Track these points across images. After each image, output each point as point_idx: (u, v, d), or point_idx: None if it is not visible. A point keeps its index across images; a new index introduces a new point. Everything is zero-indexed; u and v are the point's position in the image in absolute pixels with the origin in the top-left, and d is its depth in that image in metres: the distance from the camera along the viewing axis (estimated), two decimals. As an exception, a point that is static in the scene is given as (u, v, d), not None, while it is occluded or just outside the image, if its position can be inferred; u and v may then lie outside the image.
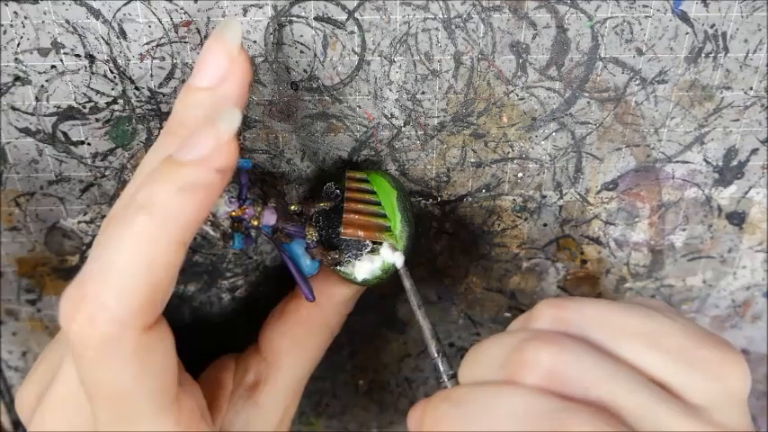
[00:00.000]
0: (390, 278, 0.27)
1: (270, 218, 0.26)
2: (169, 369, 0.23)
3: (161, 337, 0.22)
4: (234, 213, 0.25)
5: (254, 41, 0.26)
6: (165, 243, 0.20)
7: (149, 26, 0.26)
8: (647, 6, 0.26)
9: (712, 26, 0.26)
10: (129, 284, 0.20)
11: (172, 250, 0.21)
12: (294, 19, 0.26)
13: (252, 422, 0.28)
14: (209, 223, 0.24)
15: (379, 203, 0.27)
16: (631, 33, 0.27)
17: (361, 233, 0.26)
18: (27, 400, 0.25)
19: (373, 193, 0.28)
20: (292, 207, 0.27)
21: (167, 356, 0.22)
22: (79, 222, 0.31)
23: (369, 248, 0.27)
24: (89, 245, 0.31)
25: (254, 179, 0.29)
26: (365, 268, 0.27)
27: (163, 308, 0.22)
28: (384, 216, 0.27)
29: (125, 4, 0.25)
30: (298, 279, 0.27)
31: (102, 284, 0.20)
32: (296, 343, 0.29)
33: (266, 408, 0.29)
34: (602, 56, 0.27)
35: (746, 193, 0.31)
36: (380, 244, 0.27)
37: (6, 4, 0.25)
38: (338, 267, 0.27)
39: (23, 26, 0.26)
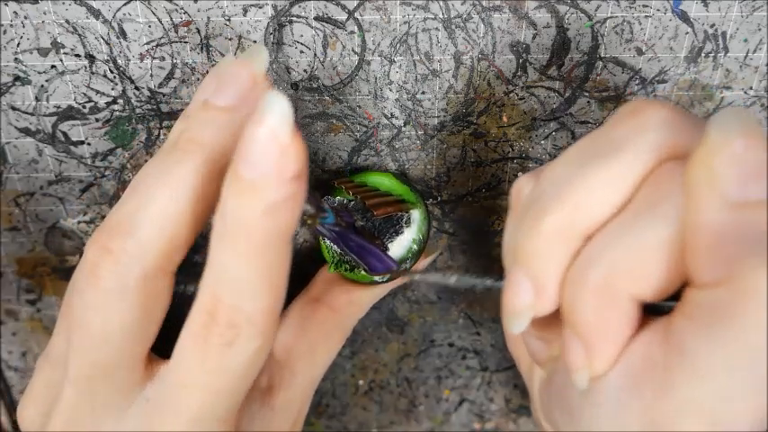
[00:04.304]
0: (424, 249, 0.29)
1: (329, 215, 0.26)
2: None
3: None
4: None
5: (254, 41, 0.26)
6: (283, 253, 0.20)
7: (149, 26, 0.26)
8: (646, 6, 0.26)
9: (712, 26, 0.26)
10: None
11: (285, 253, 0.21)
12: (294, 19, 0.26)
13: (268, 425, 0.28)
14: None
15: (377, 189, 0.28)
16: (631, 33, 0.27)
17: (390, 209, 0.27)
18: (30, 420, 0.25)
19: (366, 185, 0.29)
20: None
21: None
22: (79, 222, 0.31)
23: (404, 219, 0.28)
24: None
25: None
26: (404, 243, 0.28)
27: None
28: (392, 195, 0.28)
29: (125, 4, 0.25)
30: (377, 252, 0.27)
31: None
32: (311, 347, 0.29)
33: (282, 411, 0.29)
34: (603, 55, 0.27)
35: (746, 192, 0.31)
36: (409, 213, 0.28)
37: (6, 4, 0.25)
38: (354, 272, 0.28)
39: (23, 26, 0.26)
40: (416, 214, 0.28)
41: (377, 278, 0.28)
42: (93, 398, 0.23)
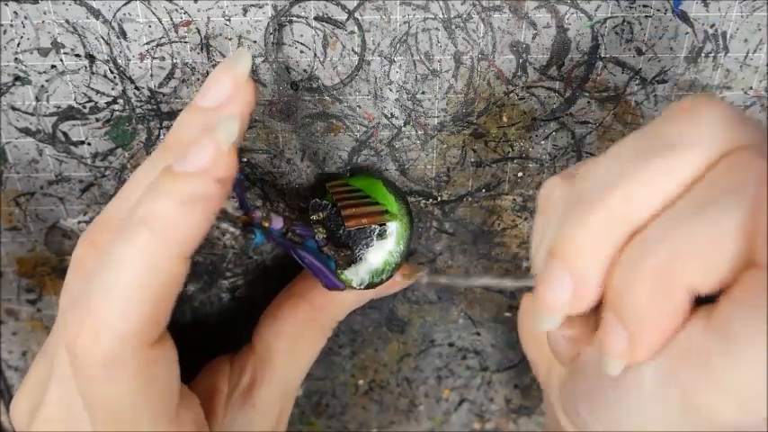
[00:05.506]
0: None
1: (277, 221, 0.26)
2: (172, 385, 0.23)
3: (165, 354, 0.22)
4: (243, 218, 0.25)
5: (254, 41, 0.26)
6: (168, 258, 0.20)
7: (149, 26, 0.26)
8: (647, 6, 0.26)
9: (712, 26, 0.26)
10: (133, 301, 0.20)
11: (174, 264, 0.20)
12: (294, 19, 0.26)
13: (249, 423, 0.28)
14: (226, 221, 0.24)
15: (368, 197, 0.28)
16: (631, 33, 0.27)
17: (364, 220, 0.27)
18: (21, 414, 0.25)
19: (359, 190, 0.28)
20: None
21: (170, 372, 0.22)
22: (79, 222, 0.31)
23: (376, 232, 0.27)
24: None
25: (248, 185, 0.30)
26: (380, 255, 0.28)
27: (167, 323, 0.21)
28: (378, 204, 0.28)
29: (125, 4, 0.25)
30: (324, 271, 0.27)
31: (105, 302, 0.20)
32: (291, 344, 0.29)
33: (263, 408, 0.29)
34: (603, 55, 0.27)
35: (746, 192, 0.31)
36: (385, 226, 0.27)
37: (6, 4, 0.25)
38: (344, 273, 0.28)
39: (23, 26, 0.26)
40: (394, 227, 0.27)
41: (354, 285, 0.28)
42: (73, 393, 0.23)
